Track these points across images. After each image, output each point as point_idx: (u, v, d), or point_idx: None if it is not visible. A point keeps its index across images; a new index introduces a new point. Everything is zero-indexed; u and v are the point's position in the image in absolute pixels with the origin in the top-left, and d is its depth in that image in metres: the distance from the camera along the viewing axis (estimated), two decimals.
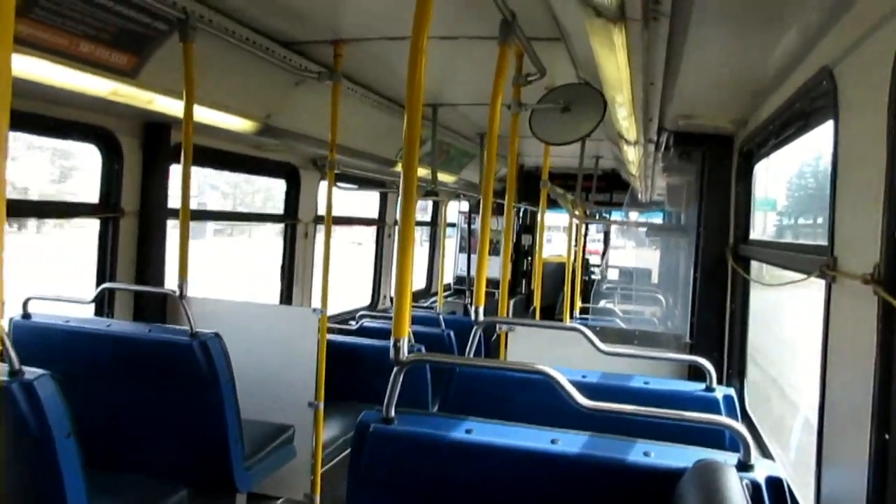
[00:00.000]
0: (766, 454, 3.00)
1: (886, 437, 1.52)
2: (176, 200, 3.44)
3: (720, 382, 2.52)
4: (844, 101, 1.94)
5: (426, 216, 8.92)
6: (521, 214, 10.58)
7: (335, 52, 3.61)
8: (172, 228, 3.71)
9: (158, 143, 3.79)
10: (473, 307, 2.79)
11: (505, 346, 3.45)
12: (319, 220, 5.50)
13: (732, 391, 2.45)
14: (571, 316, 6.95)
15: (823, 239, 2.10)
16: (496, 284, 3.63)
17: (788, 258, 2.74)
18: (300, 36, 3.51)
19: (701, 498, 1.39)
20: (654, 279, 10.51)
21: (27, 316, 3.12)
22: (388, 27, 3.35)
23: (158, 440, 3.09)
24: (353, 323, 5.26)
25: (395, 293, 1.95)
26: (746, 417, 3.42)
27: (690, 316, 4.08)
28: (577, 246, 8.08)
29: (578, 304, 7.63)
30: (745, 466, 1.62)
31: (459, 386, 2.56)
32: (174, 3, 2.78)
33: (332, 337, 4.29)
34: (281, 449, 3.48)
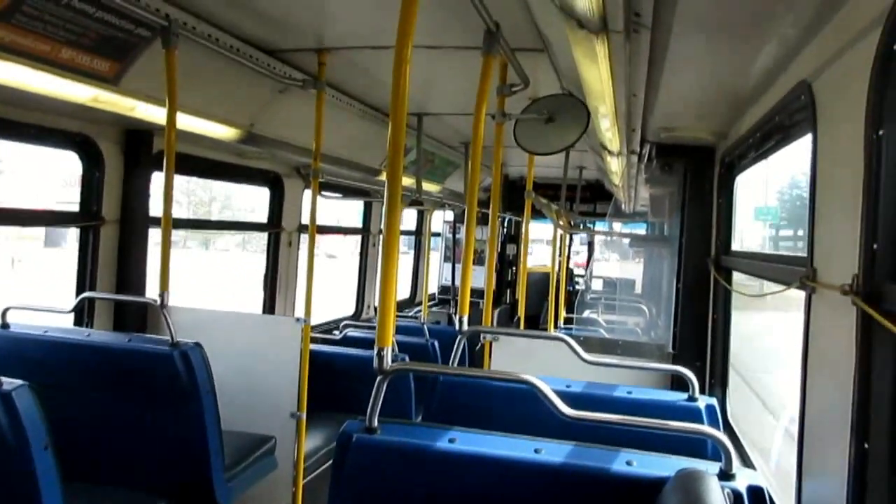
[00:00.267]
0: (747, 463, 3.02)
1: (865, 445, 1.53)
2: (158, 209, 3.41)
3: (702, 392, 2.53)
4: (822, 114, 1.97)
5: (411, 226, 8.92)
6: (505, 224, 10.61)
7: (319, 60, 3.61)
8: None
9: (140, 150, 3.75)
10: (458, 317, 2.79)
11: (489, 355, 3.45)
12: (303, 228, 5.48)
13: (714, 401, 2.47)
14: (556, 326, 6.97)
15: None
16: (481, 294, 3.63)
17: (769, 269, 2.77)
18: (284, 44, 3.51)
19: None
20: (637, 289, 10.56)
21: (5, 326, 3.07)
22: (372, 36, 3.35)
23: (138, 451, 3.04)
24: (336, 333, 5.24)
25: (378, 302, 1.94)
26: (728, 427, 3.44)
27: (673, 326, 4.11)
28: (561, 256, 8.12)
29: (563, 314, 7.65)
30: (726, 475, 1.63)
31: (443, 395, 2.55)
32: (157, 9, 2.76)
33: (315, 347, 4.27)
34: (262, 460, 3.45)
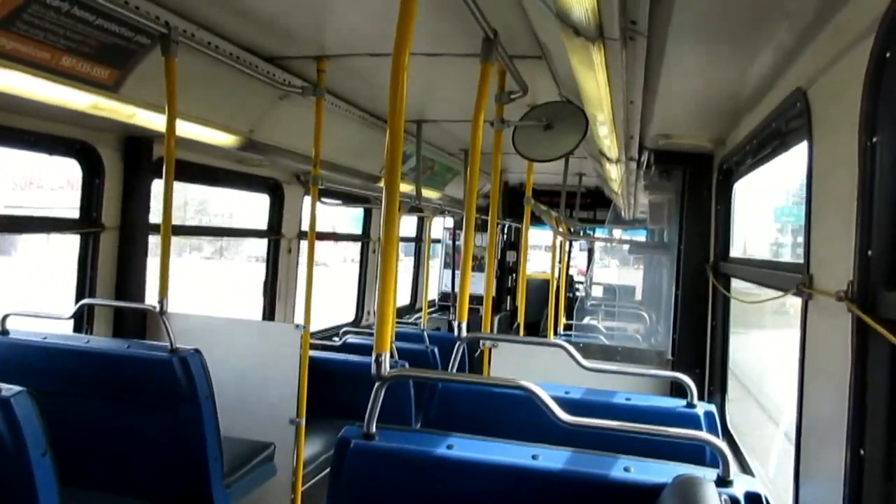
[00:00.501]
0: (746, 470, 3.01)
1: (861, 452, 1.53)
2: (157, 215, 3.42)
3: (701, 399, 2.53)
4: (818, 121, 1.98)
5: (411, 232, 8.93)
6: (505, 231, 10.62)
7: (319, 67, 3.62)
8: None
9: (140, 157, 3.77)
10: (456, 323, 2.79)
11: (489, 362, 3.45)
12: (303, 235, 5.49)
13: (713, 407, 2.47)
14: (556, 332, 6.96)
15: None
16: (481, 301, 3.63)
17: (766, 276, 2.78)
18: (284, 51, 3.52)
19: None
20: (637, 296, 10.56)
21: (5, 332, 3.08)
22: (371, 44, 3.37)
23: (136, 458, 3.04)
24: (336, 339, 5.24)
25: (377, 308, 1.95)
26: (727, 433, 3.43)
27: (672, 333, 4.11)
28: (561, 263, 8.12)
29: (563, 320, 7.65)
30: (724, 482, 1.63)
31: (442, 402, 2.56)
32: (157, 17, 2.78)
33: (314, 353, 4.26)
34: (261, 467, 3.44)
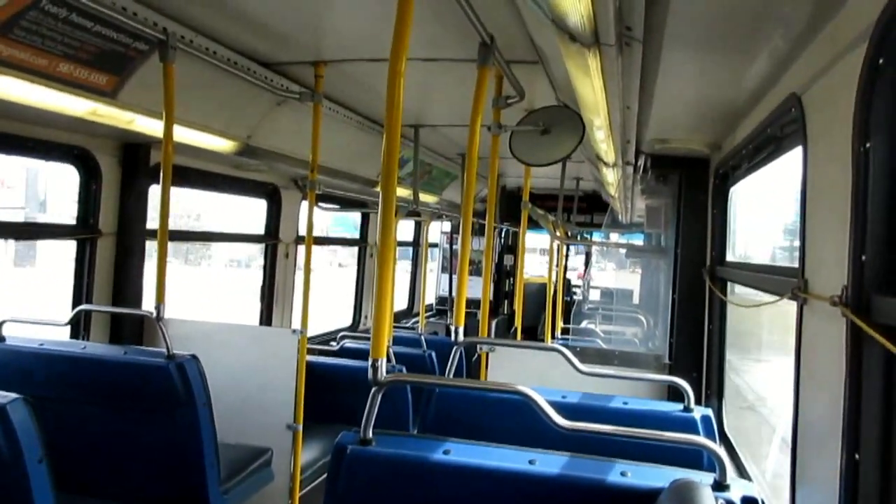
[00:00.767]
0: (743, 474, 3.02)
1: (856, 456, 1.54)
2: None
3: (698, 403, 2.54)
4: (812, 127, 1.99)
5: (408, 237, 8.93)
6: (502, 235, 10.63)
7: (316, 72, 3.63)
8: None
9: (137, 163, 3.77)
10: (454, 327, 2.79)
11: (486, 366, 3.46)
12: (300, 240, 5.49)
13: (710, 412, 2.47)
14: (553, 336, 6.96)
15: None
16: (478, 305, 3.63)
17: (762, 280, 2.79)
18: (281, 57, 3.53)
19: None
20: (635, 300, 10.57)
21: (1, 339, 3.07)
22: (368, 49, 3.38)
23: (133, 464, 3.03)
24: (333, 344, 5.23)
25: (374, 313, 1.95)
26: (724, 438, 3.44)
27: (669, 337, 4.11)
28: (558, 267, 8.13)
29: (560, 324, 7.65)
30: (720, 486, 1.63)
31: (439, 406, 2.56)
32: (155, 23, 2.78)
33: (311, 358, 4.26)
34: (258, 472, 3.44)
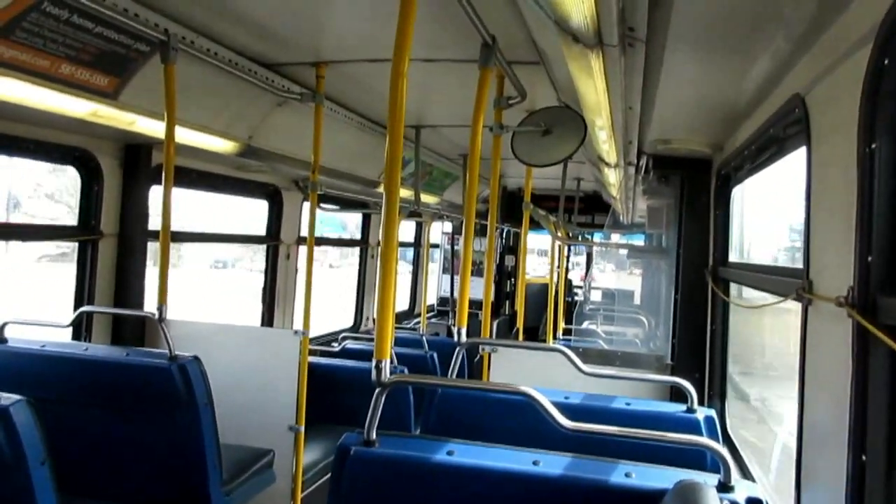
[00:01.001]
0: (746, 475, 3.01)
1: (863, 457, 1.53)
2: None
3: (701, 403, 2.53)
4: (816, 127, 1.99)
5: (409, 237, 8.93)
6: (503, 236, 10.62)
7: (317, 73, 3.63)
8: None
9: (139, 164, 3.77)
10: (456, 328, 2.79)
11: (488, 367, 3.45)
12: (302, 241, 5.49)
13: (713, 412, 2.47)
14: (555, 337, 6.96)
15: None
16: (480, 305, 3.63)
17: (766, 281, 2.78)
18: (282, 58, 3.53)
19: None
20: (636, 300, 10.56)
21: (3, 340, 3.06)
22: (369, 49, 3.38)
23: (135, 466, 3.03)
24: (335, 345, 5.23)
25: (377, 314, 1.95)
26: (727, 438, 3.43)
27: (671, 337, 4.11)
28: (559, 267, 8.12)
29: (562, 325, 7.64)
30: (725, 487, 1.63)
31: (441, 407, 2.55)
32: (156, 24, 2.78)
33: (313, 359, 4.26)
34: (260, 474, 3.43)
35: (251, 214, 5.65)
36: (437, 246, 10.35)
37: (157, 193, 3.70)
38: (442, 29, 2.94)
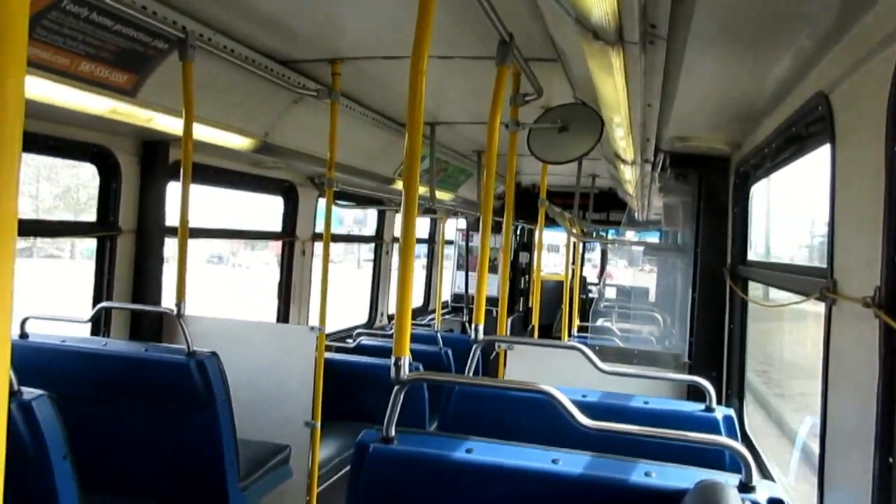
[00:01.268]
0: (765, 475, 2.98)
1: (890, 460, 1.51)
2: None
3: (719, 403, 2.51)
4: (841, 125, 1.96)
5: (423, 234, 8.93)
6: (518, 232, 10.60)
7: (333, 70, 3.63)
8: None
9: (156, 161, 3.79)
10: (473, 325, 2.79)
11: (503, 364, 3.44)
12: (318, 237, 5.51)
13: (732, 412, 2.45)
14: (570, 334, 6.93)
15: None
16: (494, 302, 3.62)
17: (787, 280, 2.75)
18: (299, 55, 3.54)
19: None
20: (651, 298, 10.50)
21: (24, 336, 3.10)
22: (385, 47, 3.37)
23: (153, 460, 3.06)
24: (350, 341, 5.25)
25: (395, 311, 1.95)
26: (746, 438, 3.40)
27: (689, 336, 4.07)
28: (574, 264, 8.09)
29: (577, 322, 7.62)
30: (746, 487, 1.61)
31: (458, 405, 2.55)
32: (174, 22, 2.79)
33: (329, 355, 4.27)
34: (277, 469, 3.45)
35: (260, 212, 5.67)
36: (451, 242, 10.34)
37: (174, 190, 3.72)
38: (459, 27, 2.93)
